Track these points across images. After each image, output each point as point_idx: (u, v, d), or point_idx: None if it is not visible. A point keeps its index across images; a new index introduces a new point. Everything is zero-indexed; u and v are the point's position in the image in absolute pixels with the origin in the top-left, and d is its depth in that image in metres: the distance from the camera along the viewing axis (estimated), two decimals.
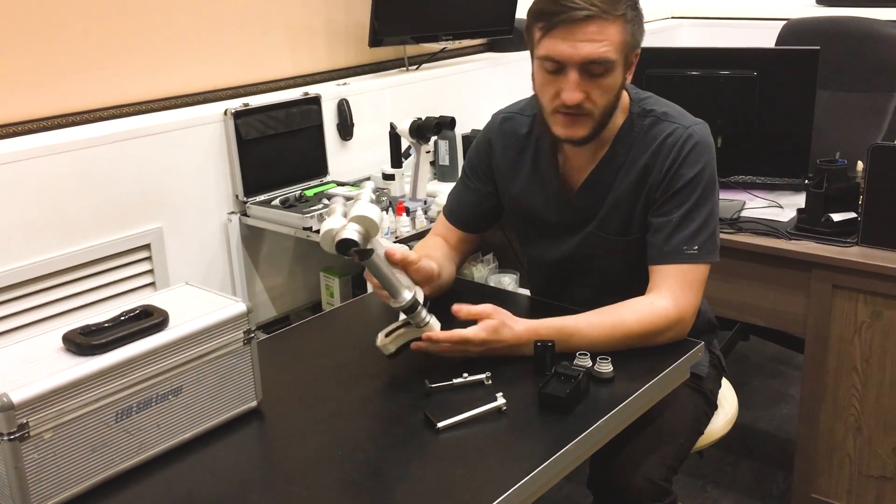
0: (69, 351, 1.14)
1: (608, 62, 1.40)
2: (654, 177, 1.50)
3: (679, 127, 1.50)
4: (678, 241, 1.47)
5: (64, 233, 2.10)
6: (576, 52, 1.38)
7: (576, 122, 1.44)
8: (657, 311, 1.42)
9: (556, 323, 1.41)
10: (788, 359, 2.98)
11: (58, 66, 2.17)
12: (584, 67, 1.39)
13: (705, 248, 1.47)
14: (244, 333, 1.27)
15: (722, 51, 2.26)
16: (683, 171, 1.48)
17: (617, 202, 1.54)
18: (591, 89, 1.41)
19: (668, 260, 1.47)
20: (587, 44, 1.37)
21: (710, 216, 1.49)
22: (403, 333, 1.39)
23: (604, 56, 1.39)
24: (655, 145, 1.50)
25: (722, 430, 1.70)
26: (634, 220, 1.53)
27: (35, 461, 1.06)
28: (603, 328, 1.40)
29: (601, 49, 1.38)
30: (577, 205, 1.58)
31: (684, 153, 1.48)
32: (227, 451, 1.22)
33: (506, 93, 1.76)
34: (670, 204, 1.49)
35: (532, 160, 1.61)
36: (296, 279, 2.68)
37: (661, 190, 1.49)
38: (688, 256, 1.46)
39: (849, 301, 1.90)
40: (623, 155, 1.53)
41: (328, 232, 1.30)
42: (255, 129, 2.44)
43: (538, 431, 1.23)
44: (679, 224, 1.47)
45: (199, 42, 2.47)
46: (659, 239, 1.49)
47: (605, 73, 1.41)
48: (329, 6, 2.80)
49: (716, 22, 4.05)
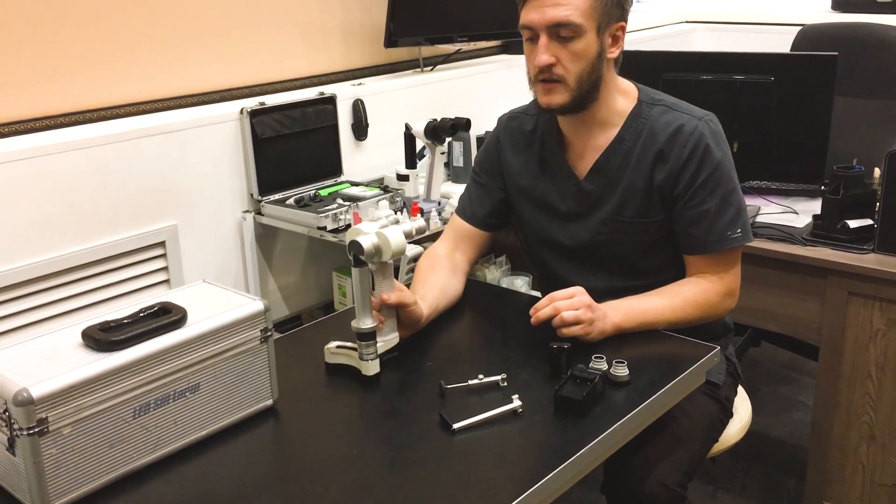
0: (88, 347, 1.15)
1: (573, 25, 1.46)
2: (672, 165, 1.54)
3: (692, 118, 1.56)
4: (722, 226, 1.55)
5: (80, 229, 2.11)
6: (542, 17, 1.47)
7: (552, 89, 1.51)
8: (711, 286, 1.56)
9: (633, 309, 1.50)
10: (800, 365, 2.96)
11: (76, 63, 2.18)
12: (552, 31, 1.47)
13: (746, 229, 1.57)
14: (261, 332, 1.28)
15: (738, 55, 2.25)
16: (707, 161, 1.53)
17: (632, 186, 1.57)
18: (562, 53, 1.49)
19: (715, 248, 1.55)
20: (551, 8, 1.46)
21: (742, 199, 1.58)
22: (347, 355, 1.41)
23: (567, 19, 1.46)
24: (670, 132, 1.55)
25: (736, 437, 1.69)
26: (652, 204, 1.57)
27: (53, 456, 1.07)
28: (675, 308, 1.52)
29: (565, 12, 1.46)
30: (586, 189, 1.61)
31: (704, 144, 1.53)
32: (243, 449, 1.22)
33: (519, 94, 1.76)
34: (702, 194, 1.54)
35: (539, 152, 1.66)
36: (308, 278, 2.69)
37: (687, 182, 1.53)
38: (733, 240, 1.55)
39: (864, 308, 1.90)
40: (632, 140, 1.57)
41: (356, 229, 1.37)
42: (271, 129, 2.44)
43: (554, 434, 1.23)
44: (719, 211, 1.54)
45: (217, 41, 2.48)
46: (701, 229, 1.55)
47: (574, 36, 1.47)
48: (345, 7, 2.81)
49: (730, 27, 4.04)
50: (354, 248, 1.35)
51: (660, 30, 4.04)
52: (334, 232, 2.28)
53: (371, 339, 1.37)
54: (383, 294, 1.40)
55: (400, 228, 1.38)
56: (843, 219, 1.95)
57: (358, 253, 1.35)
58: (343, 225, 2.30)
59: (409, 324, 1.47)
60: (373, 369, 1.38)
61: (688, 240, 1.57)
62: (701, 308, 1.55)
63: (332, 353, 1.43)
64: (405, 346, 1.46)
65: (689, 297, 1.54)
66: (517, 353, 1.44)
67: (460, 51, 3.13)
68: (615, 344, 1.44)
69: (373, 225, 1.39)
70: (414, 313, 1.46)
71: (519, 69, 3.19)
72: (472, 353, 1.53)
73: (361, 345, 1.37)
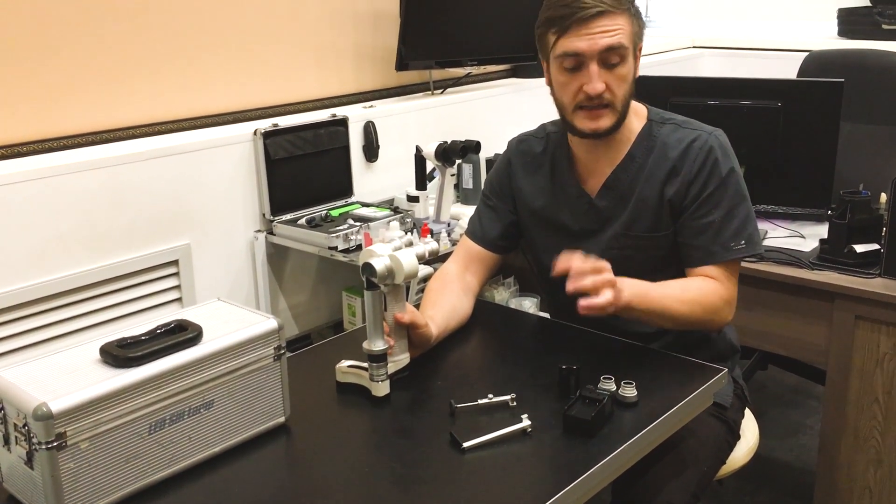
0: (106, 363, 1.17)
1: (623, 48, 1.50)
2: (683, 179, 1.57)
3: (703, 133, 1.60)
4: (726, 238, 1.56)
5: (96, 247, 2.14)
6: (594, 44, 1.48)
7: (599, 114, 1.53)
8: (717, 290, 1.55)
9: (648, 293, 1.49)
10: (807, 389, 2.96)
11: (93, 84, 2.22)
12: (602, 58, 1.49)
13: (752, 241, 1.58)
14: (275, 349, 1.30)
15: (746, 81, 2.28)
16: (714, 173, 1.56)
17: (643, 201, 1.59)
18: (610, 79, 1.51)
19: (718, 259, 1.56)
20: (602, 35, 1.48)
21: (749, 210, 1.59)
22: (358, 374, 1.42)
23: (619, 43, 1.49)
24: (682, 148, 1.58)
25: (743, 460, 1.70)
26: (662, 218, 1.60)
27: (71, 470, 1.08)
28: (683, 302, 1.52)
29: (616, 38, 1.48)
30: (598, 206, 1.63)
31: (712, 157, 1.56)
32: (256, 466, 1.24)
33: (529, 118, 1.79)
34: (707, 206, 1.56)
35: (550, 172, 1.69)
36: (318, 297, 2.71)
37: (694, 194, 1.56)
38: (736, 251, 1.56)
39: (871, 332, 1.90)
40: (643, 157, 1.60)
41: (369, 251, 1.39)
42: (284, 149, 2.48)
43: (563, 454, 1.24)
44: (723, 223, 1.56)
45: (232, 64, 2.52)
46: (705, 240, 1.56)
47: (621, 61, 1.50)
48: (357, 30, 2.85)
49: (737, 52, 4.07)
50: (367, 270, 1.37)
51: (667, 55, 4.08)
52: (345, 252, 2.30)
53: (382, 360, 1.39)
54: (397, 312, 1.42)
55: (413, 251, 1.40)
56: (849, 243, 1.97)
57: (371, 275, 1.37)
58: (354, 245, 2.32)
59: (419, 344, 1.49)
60: (383, 390, 1.39)
61: (691, 251, 1.59)
62: (707, 310, 1.54)
63: (344, 373, 1.45)
64: (415, 365, 1.48)
65: (697, 295, 1.54)
66: (526, 373, 1.46)
67: (470, 74, 3.17)
68: (623, 365, 1.46)
69: (386, 247, 1.40)
70: (424, 334, 1.48)
71: (527, 92, 3.25)
72: (482, 372, 1.55)
73: (372, 366, 1.39)
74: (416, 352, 1.49)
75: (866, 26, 3.62)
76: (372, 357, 1.38)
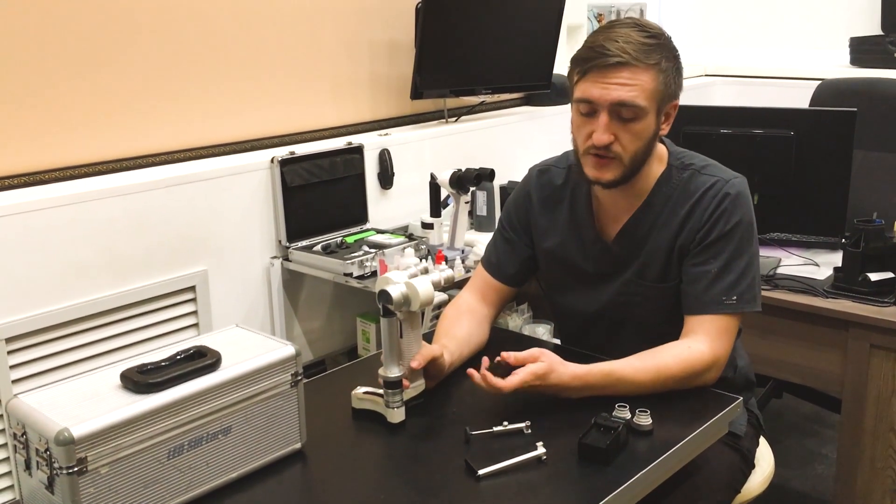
0: (127, 388, 1.19)
1: (637, 107, 1.45)
2: (692, 226, 1.54)
3: (719, 180, 1.56)
4: (718, 291, 1.51)
5: (115, 274, 2.17)
6: (606, 94, 1.45)
7: (605, 164, 1.50)
8: (695, 354, 1.48)
9: (604, 368, 1.44)
10: (823, 418, 2.94)
11: (114, 113, 2.26)
12: (614, 110, 1.46)
13: (744, 298, 1.52)
14: (292, 376, 1.31)
15: (759, 110, 2.29)
16: (720, 222, 1.53)
17: (656, 251, 1.58)
18: (621, 133, 1.47)
19: (707, 310, 1.52)
20: (617, 87, 1.44)
21: (749, 266, 1.53)
22: (373, 401, 1.43)
23: (632, 100, 1.45)
24: (696, 197, 1.55)
25: (758, 489, 1.69)
26: (671, 268, 1.58)
27: (91, 495, 1.10)
28: (647, 372, 1.45)
29: (630, 93, 1.44)
30: (613, 252, 1.62)
31: (723, 206, 1.53)
32: (272, 492, 1.25)
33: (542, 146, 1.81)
34: (707, 254, 1.53)
35: (569, 209, 1.67)
36: (333, 323, 2.73)
37: (698, 240, 1.54)
38: (727, 307, 1.51)
39: (886, 361, 1.90)
40: (660, 205, 1.57)
41: (385, 278, 1.40)
42: (300, 177, 2.51)
43: (578, 482, 1.24)
44: (718, 275, 1.52)
45: (250, 93, 2.56)
46: (697, 289, 1.53)
47: (635, 118, 1.46)
48: (373, 60, 2.89)
49: (750, 80, 4.09)
50: (384, 297, 1.38)
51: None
52: (360, 279, 2.32)
53: (398, 387, 1.39)
54: (413, 362, 1.43)
55: (429, 279, 1.41)
56: (864, 271, 1.97)
57: (387, 302, 1.38)
58: (368, 272, 2.34)
59: (433, 374, 1.50)
60: (398, 417, 1.40)
61: (684, 298, 1.55)
62: (679, 380, 1.46)
63: (359, 399, 1.46)
64: (430, 391, 1.49)
65: (667, 362, 1.46)
66: (541, 401, 1.46)
67: (484, 102, 3.20)
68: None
69: (402, 274, 1.41)
70: (439, 364, 1.49)
71: (541, 121, 3.28)
72: (496, 399, 1.54)
73: (388, 392, 1.40)
74: (432, 382, 1.50)
75: (878, 55, 3.64)
76: (387, 384, 1.39)
